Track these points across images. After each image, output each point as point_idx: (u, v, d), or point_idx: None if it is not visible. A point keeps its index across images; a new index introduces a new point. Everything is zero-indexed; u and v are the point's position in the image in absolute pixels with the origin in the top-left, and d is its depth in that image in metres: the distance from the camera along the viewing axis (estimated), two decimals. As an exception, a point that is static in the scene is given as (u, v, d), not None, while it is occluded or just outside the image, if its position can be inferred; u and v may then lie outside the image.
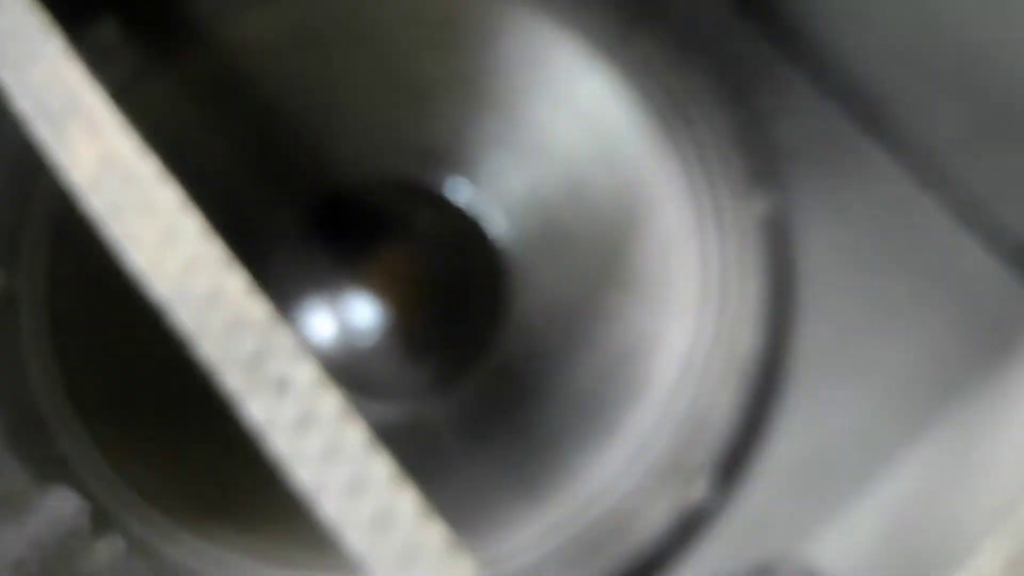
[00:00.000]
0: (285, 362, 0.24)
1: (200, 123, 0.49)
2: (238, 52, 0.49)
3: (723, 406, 0.44)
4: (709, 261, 0.45)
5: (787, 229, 0.47)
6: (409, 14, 0.49)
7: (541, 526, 0.44)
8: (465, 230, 0.51)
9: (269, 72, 0.50)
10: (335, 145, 0.51)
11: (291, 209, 0.51)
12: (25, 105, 0.28)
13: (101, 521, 0.43)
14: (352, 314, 0.50)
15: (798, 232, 0.47)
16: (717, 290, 0.45)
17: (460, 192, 0.51)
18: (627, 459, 0.44)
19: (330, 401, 0.23)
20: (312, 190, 0.52)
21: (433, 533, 0.23)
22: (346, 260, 0.51)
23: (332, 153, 0.51)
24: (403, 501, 0.23)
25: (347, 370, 0.50)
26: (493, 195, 0.51)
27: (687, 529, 0.44)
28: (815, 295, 0.47)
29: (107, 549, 0.42)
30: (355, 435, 0.23)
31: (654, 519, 0.43)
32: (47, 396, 0.44)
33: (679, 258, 0.46)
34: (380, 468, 0.23)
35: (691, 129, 0.47)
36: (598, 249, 0.48)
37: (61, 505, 0.43)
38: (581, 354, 0.48)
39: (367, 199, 0.52)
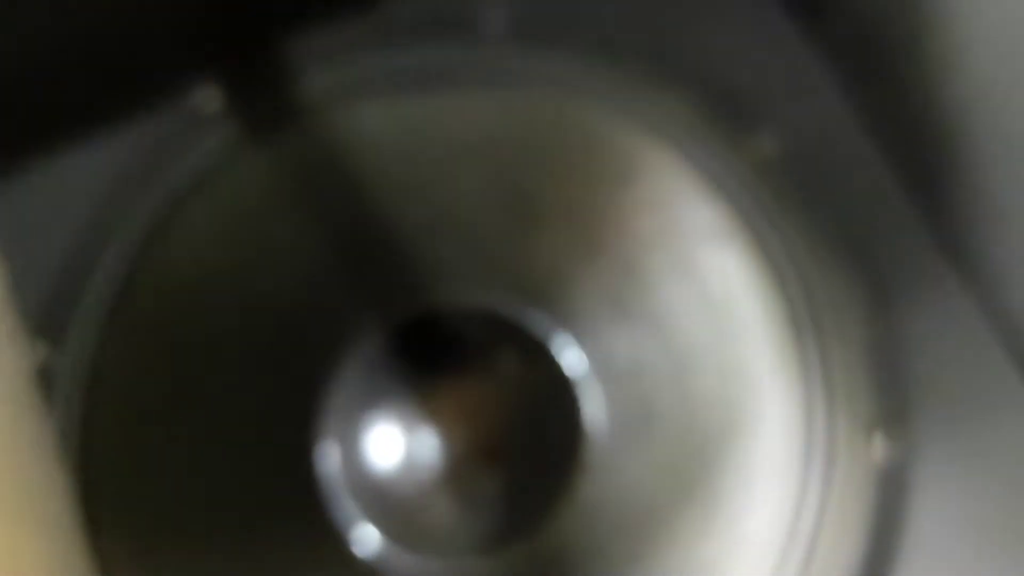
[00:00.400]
0: None
1: (289, 212, 0.45)
2: (342, 144, 0.44)
3: None
4: (806, 506, 0.39)
5: (904, 484, 0.41)
6: (538, 137, 0.44)
7: None
8: (553, 385, 0.46)
9: (371, 172, 0.45)
10: (429, 262, 0.46)
11: (371, 321, 0.47)
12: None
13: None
14: (413, 450, 0.46)
15: (914, 484, 0.41)
16: (806, 543, 0.39)
17: (556, 342, 0.46)
18: None
19: None
20: (397, 305, 0.47)
21: None
22: (419, 389, 0.47)
23: (425, 270, 0.46)
24: None
25: (395, 514, 0.46)
26: (591, 354, 0.46)
27: None
28: (920, 566, 0.41)
29: None
30: None
31: None
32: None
33: (772, 493, 0.40)
34: None
35: (822, 342, 0.41)
36: (687, 453, 0.43)
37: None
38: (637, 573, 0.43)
39: (454, 327, 0.47)
